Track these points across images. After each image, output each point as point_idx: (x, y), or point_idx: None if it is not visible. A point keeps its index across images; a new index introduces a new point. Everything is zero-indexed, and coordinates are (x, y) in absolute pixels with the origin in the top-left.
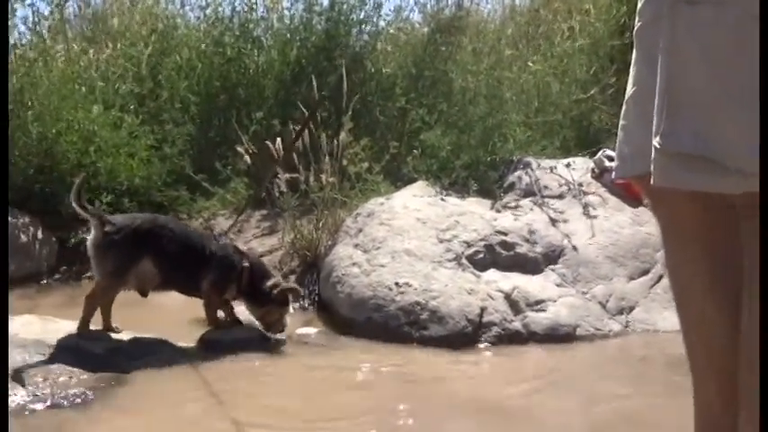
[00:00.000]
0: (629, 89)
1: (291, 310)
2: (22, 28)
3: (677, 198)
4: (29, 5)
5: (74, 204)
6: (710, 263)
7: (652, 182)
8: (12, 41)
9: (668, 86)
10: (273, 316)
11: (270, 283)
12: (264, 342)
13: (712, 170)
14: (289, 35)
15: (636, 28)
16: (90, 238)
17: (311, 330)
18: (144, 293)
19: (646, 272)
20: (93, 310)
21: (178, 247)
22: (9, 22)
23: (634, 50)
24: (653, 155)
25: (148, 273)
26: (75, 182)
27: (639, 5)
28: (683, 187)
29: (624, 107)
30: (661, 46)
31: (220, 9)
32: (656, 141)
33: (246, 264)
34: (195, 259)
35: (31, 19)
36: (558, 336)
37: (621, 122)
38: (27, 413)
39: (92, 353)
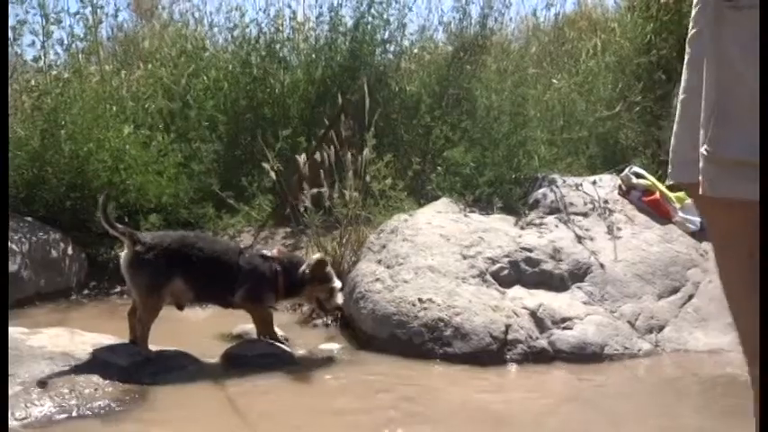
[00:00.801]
0: (680, 96)
1: (338, 283)
2: (59, 49)
3: (729, 203)
4: (65, 28)
5: (103, 223)
6: (757, 268)
7: (701, 191)
8: (47, 62)
9: (718, 94)
10: (320, 293)
11: (303, 267)
12: (288, 357)
13: (758, 177)
14: (314, 55)
15: (689, 35)
16: (122, 256)
17: (334, 346)
18: (180, 308)
19: (676, 290)
20: (148, 330)
21: (207, 263)
22: (45, 44)
23: (686, 57)
24: (701, 163)
25: (181, 290)
26: (99, 200)
27: (693, 13)
28: (731, 197)
29: (677, 114)
30: (708, 53)
31: (247, 30)
32: (704, 149)
33: (279, 268)
34: (226, 274)
35: (66, 41)
36: (586, 354)
37: (674, 129)
38: (53, 424)
39: (117, 366)
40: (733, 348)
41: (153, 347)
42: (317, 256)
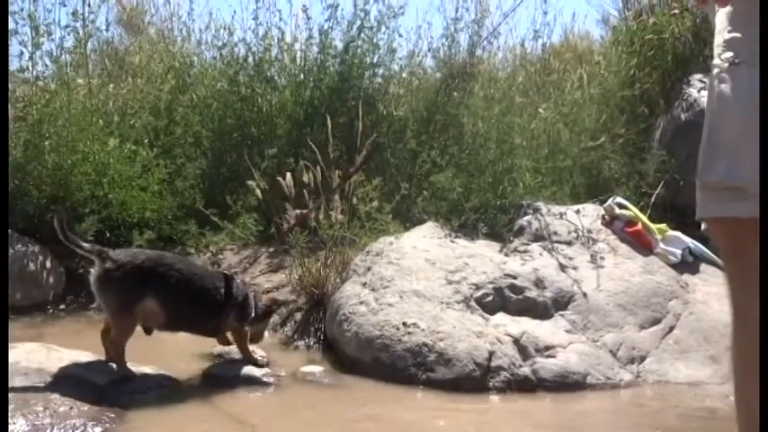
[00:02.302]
0: None
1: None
2: (47, 61)
3: (743, 225)
4: (54, 40)
5: (66, 243)
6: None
7: (696, 217)
8: (35, 74)
9: (709, 129)
10: (265, 328)
11: (267, 301)
12: (268, 379)
13: (741, 198)
14: (302, 76)
15: None
16: (92, 273)
17: (316, 369)
18: (148, 331)
19: (657, 321)
20: (122, 350)
21: (185, 286)
22: (33, 56)
23: None
24: (697, 192)
25: (151, 311)
26: (55, 221)
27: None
28: (717, 215)
29: None
30: (709, 98)
31: (236, 49)
32: (697, 178)
33: (252, 291)
34: (209, 300)
35: (55, 53)
36: (568, 383)
37: None
38: None
39: (94, 384)
40: (712, 381)
41: (131, 366)
42: (277, 297)
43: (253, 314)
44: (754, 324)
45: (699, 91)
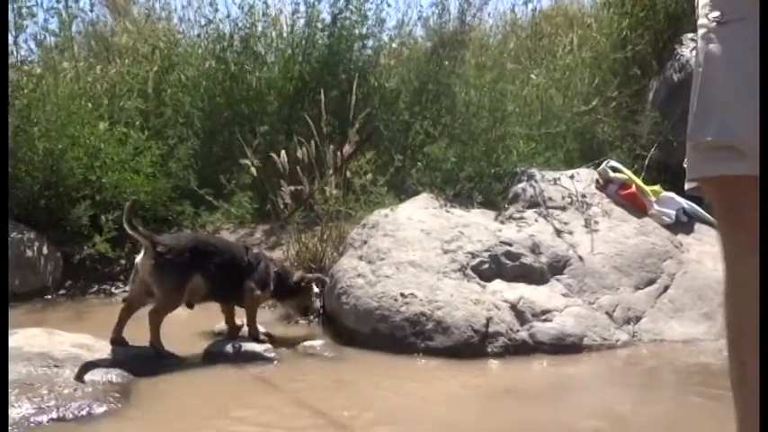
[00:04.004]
0: None
1: (317, 290)
2: (32, 45)
3: (738, 183)
4: (38, 23)
5: (126, 227)
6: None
7: (687, 178)
8: (20, 58)
9: (700, 91)
10: (306, 302)
11: (296, 278)
12: (269, 354)
13: (733, 157)
14: (291, 51)
15: None
16: (141, 258)
17: (317, 342)
18: (191, 305)
19: (652, 281)
20: (160, 323)
21: (221, 259)
22: (17, 39)
23: None
24: (687, 153)
25: (198, 286)
26: (125, 207)
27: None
28: (710, 174)
29: None
30: (697, 59)
31: (221, 26)
32: (688, 140)
33: (276, 269)
34: (237, 269)
35: (39, 36)
36: (565, 346)
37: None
38: (31, 425)
39: (97, 365)
40: (707, 338)
41: (134, 345)
42: (315, 275)
43: (272, 286)
44: (745, 282)
45: (691, 51)
